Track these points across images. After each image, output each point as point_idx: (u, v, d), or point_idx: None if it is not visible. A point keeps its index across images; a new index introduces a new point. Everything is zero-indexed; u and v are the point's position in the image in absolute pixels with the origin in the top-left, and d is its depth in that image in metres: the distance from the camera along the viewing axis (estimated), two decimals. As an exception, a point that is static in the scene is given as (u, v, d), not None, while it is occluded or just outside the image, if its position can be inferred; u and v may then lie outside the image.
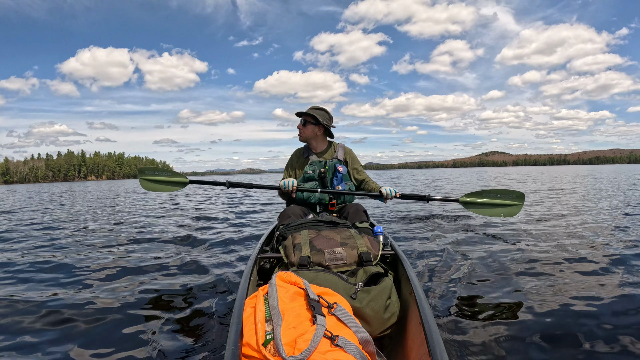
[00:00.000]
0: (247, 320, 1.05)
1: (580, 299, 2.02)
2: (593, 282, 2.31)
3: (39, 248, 3.89)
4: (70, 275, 2.77)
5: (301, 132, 2.46)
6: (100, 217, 6.91)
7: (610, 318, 1.78)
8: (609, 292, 2.11)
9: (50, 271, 2.90)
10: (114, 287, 2.45)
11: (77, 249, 3.79)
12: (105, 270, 2.87)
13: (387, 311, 1.33)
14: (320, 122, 2.39)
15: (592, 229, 4.13)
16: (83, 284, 2.55)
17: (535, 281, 2.35)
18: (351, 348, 0.94)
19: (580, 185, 12.42)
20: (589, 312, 1.85)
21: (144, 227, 5.27)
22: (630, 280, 2.29)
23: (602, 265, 2.62)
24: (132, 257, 3.35)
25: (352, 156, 2.58)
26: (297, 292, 1.13)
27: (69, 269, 2.94)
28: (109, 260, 3.19)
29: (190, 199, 11.17)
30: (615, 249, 3.13)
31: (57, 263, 3.11)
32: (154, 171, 2.62)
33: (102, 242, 4.17)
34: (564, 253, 3.03)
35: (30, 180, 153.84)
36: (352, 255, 1.47)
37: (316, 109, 2.45)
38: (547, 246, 3.30)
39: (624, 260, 2.73)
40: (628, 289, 2.15)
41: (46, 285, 2.54)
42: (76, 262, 3.13)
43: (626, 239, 3.48)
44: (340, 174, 2.42)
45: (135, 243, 4.05)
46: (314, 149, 2.52)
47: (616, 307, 1.90)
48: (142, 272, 2.80)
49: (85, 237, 4.57)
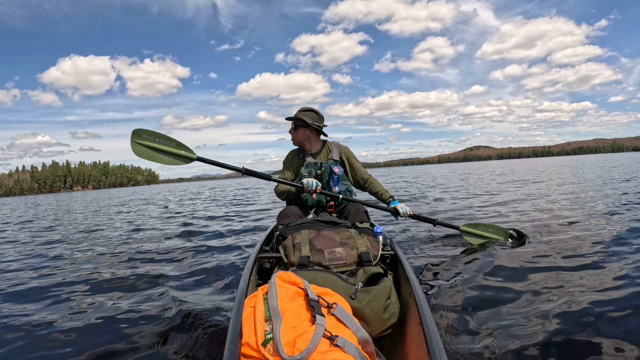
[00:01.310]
0: (247, 320, 1.05)
1: (585, 300, 2.01)
2: (600, 282, 2.29)
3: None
4: (69, 275, 2.77)
5: (293, 137, 2.44)
6: (100, 221, 6.92)
7: (617, 319, 1.78)
8: (617, 292, 2.11)
9: (49, 271, 2.90)
10: (112, 288, 2.45)
11: (76, 250, 3.80)
12: (104, 271, 2.87)
13: (386, 311, 1.33)
14: (310, 124, 2.38)
15: (588, 227, 4.13)
16: (83, 284, 2.55)
17: (537, 281, 2.34)
18: (350, 348, 0.94)
19: (557, 176, 12.32)
20: (595, 313, 1.84)
21: (142, 227, 5.27)
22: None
23: (606, 264, 2.62)
24: (131, 256, 3.35)
25: (347, 154, 2.53)
26: (297, 292, 1.12)
27: (66, 269, 2.94)
28: (107, 261, 3.19)
29: (191, 200, 11.17)
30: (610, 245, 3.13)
31: (56, 262, 3.12)
32: (154, 137, 2.19)
33: (99, 242, 4.17)
34: (567, 252, 3.02)
35: (16, 193, 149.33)
36: (352, 255, 1.47)
37: (305, 110, 2.42)
38: (548, 246, 3.30)
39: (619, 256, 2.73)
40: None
41: (46, 283, 2.54)
42: (76, 263, 3.13)
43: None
44: (337, 175, 2.40)
45: (134, 242, 4.05)
46: (309, 150, 2.49)
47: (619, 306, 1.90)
48: (142, 272, 2.80)
49: (85, 239, 4.57)
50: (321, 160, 2.44)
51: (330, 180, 2.40)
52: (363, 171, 2.55)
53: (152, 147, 2.15)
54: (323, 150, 2.51)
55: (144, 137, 2.15)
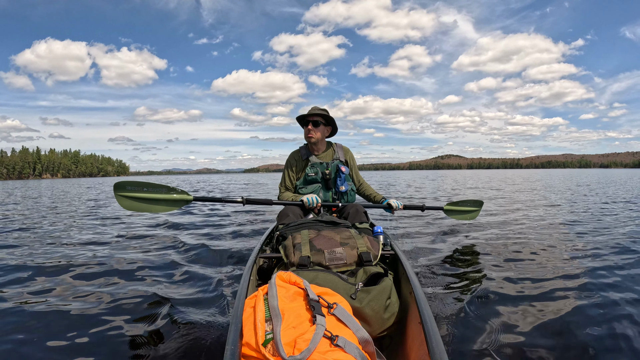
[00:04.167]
0: (247, 320, 1.05)
1: (584, 300, 2.02)
2: (593, 284, 2.31)
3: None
4: (67, 276, 2.76)
5: (313, 135, 2.40)
6: (93, 213, 6.91)
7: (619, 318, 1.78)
8: (610, 294, 2.12)
9: (49, 271, 2.90)
10: (111, 288, 2.45)
11: (74, 248, 3.79)
12: (102, 272, 2.86)
13: (386, 311, 1.33)
14: (332, 121, 2.42)
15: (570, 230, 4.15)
16: (82, 286, 2.54)
17: (537, 282, 2.35)
18: (351, 348, 0.94)
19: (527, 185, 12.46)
20: (592, 315, 1.85)
21: (141, 226, 5.26)
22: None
23: (599, 269, 2.63)
24: (130, 256, 3.34)
25: (351, 157, 2.60)
26: (297, 292, 1.12)
27: (64, 267, 2.94)
28: (105, 261, 3.18)
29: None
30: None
31: (56, 264, 3.11)
32: (140, 187, 2.05)
33: (96, 241, 4.16)
34: (566, 254, 3.03)
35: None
36: (352, 255, 1.47)
37: (320, 109, 2.46)
38: (548, 247, 3.31)
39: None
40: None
41: (47, 286, 2.54)
42: (74, 262, 3.12)
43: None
44: (344, 174, 2.43)
45: (133, 242, 4.05)
46: (317, 150, 2.50)
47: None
48: (141, 272, 2.79)
49: (80, 235, 4.57)
50: (326, 161, 2.46)
51: (337, 178, 2.42)
52: (360, 175, 2.66)
53: (141, 197, 2.04)
54: (328, 150, 2.53)
55: (129, 189, 2.05)
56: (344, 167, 2.44)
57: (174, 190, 2.15)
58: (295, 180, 2.50)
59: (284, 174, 2.55)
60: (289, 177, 2.52)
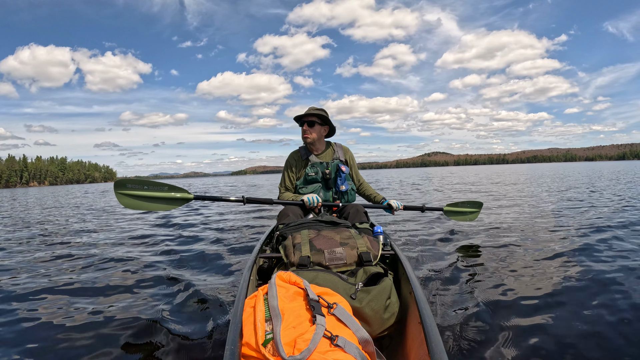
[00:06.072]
0: (247, 320, 1.05)
1: (584, 301, 2.01)
2: (593, 284, 2.30)
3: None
4: (68, 276, 2.76)
5: (308, 135, 2.40)
6: (89, 219, 6.92)
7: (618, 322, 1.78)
8: (605, 295, 2.12)
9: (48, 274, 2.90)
10: (111, 289, 2.45)
11: (74, 248, 3.79)
12: (102, 272, 2.87)
13: (386, 311, 1.33)
14: (328, 121, 2.41)
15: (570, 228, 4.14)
16: (82, 286, 2.54)
17: (537, 282, 2.35)
18: (351, 348, 0.93)
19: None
20: (591, 316, 1.84)
21: (140, 226, 5.26)
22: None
23: (596, 266, 2.63)
24: (130, 256, 3.34)
25: (351, 156, 2.60)
26: (297, 292, 1.12)
27: (64, 271, 2.94)
28: (105, 261, 3.18)
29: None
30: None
31: (56, 265, 3.11)
32: (140, 185, 2.09)
33: (97, 241, 4.16)
34: (565, 255, 3.03)
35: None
36: (352, 255, 1.46)
37: (316, 109, 2.45)
38: (548, 247, 3.30)
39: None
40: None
41: (47, 290, 2.54)
42: (73, 261, 3.13)
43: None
44: (344, 173, 2.43)
45: (132, 242, 4.05)
46: (316, 150, 2.50)
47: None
48: (141, 272, 2.79)
49: (75, 239, 4.57)
50: (326, 160, 2.46)
51: (337, 178, 2.42)
52: (360, 175, 2.65)
53: (141, 195, 2.07)
54: (328, 150, 2.52)
55: (129, 187, 2.07)
56: (344, 167, 2.44)
57: (174, 188, 2.17)
58: (295, 181, 2.50)
59: (284, 175, 2.55)
60: (288, 178, 2.51)
